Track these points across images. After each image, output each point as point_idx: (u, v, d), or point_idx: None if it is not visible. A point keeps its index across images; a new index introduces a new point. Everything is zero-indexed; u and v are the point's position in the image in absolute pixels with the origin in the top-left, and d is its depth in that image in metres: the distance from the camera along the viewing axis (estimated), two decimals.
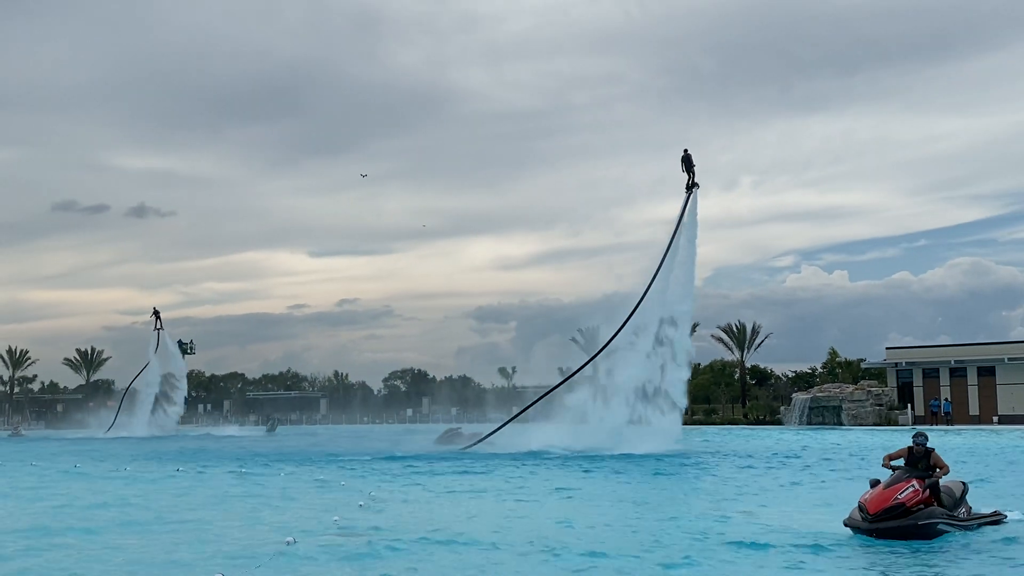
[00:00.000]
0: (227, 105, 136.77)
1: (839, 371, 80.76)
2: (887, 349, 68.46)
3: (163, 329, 78.95)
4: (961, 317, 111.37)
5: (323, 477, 25.42)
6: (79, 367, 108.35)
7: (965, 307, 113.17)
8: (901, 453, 14.03)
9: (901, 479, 13.39)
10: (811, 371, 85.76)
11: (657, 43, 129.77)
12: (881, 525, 13.01)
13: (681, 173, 40.63)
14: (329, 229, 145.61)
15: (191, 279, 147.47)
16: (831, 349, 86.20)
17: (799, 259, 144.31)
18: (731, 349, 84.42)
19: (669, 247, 39.61)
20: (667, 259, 39.36)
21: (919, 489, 13.24)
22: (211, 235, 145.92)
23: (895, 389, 64.43)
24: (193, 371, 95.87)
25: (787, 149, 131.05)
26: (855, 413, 61.73)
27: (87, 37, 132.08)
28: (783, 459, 31.06)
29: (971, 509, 14.42)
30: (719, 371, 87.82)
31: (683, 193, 40.35)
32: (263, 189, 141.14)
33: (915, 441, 13.97)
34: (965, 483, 14.71)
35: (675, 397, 37.96)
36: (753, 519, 15.76)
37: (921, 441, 13.90)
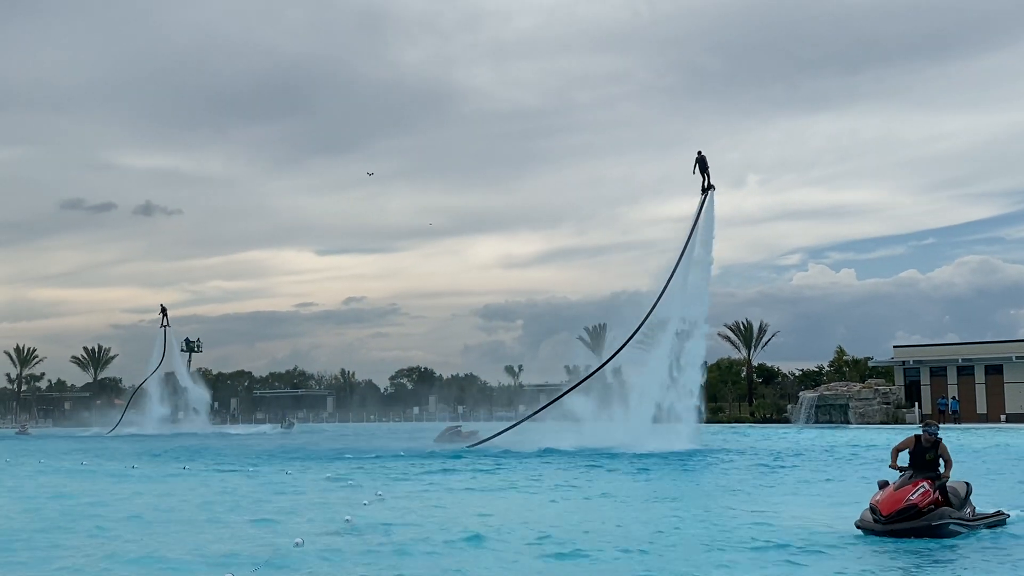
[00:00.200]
0: (233, 104, 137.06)
1: (846, 369, 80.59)
2: (894, 347, 68.36)
3: (170, 326, 79.12)
4: (969, 315, 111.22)
5: (332, 475, 25.47)
6: (86, 365, 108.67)
7: (973, 305, 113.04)
8: (908, 442, 13.93)
9: (911, 480, 13.36)
10: (818, 369, 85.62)
11: (662, 42, 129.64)
12: (895, 527, 13.01)
13: (694, 175, 40.32)
14: (335, 227, 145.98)
15: (198, 277, 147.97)
16: (838, 347, 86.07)
17: (806, 257, 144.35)
18: (738, 347, 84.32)
19: (685, 248, 39.41)
20: (683, 260, 39.20)
21: (929, 490, 13.23)
22: (217, 234, 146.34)
23: (902, 387, 64.30)
24: (200, 369, 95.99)
25: (793, 147, 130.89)
26: (862, 412, 61.60)
27: (93, 36, 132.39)
28: (791, 458, 31.04)
29: (975, 509, 14.41)
30: (726, 369, 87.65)
31: (690, 191, 40.31)
32: (269, 188, 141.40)
33: (925, 430, 13.86)
34: (969, 483, 14.70)
35: (691, 398, 38.20)
36: (765, 518, 15.76)
37: (932, 430, 13.81)
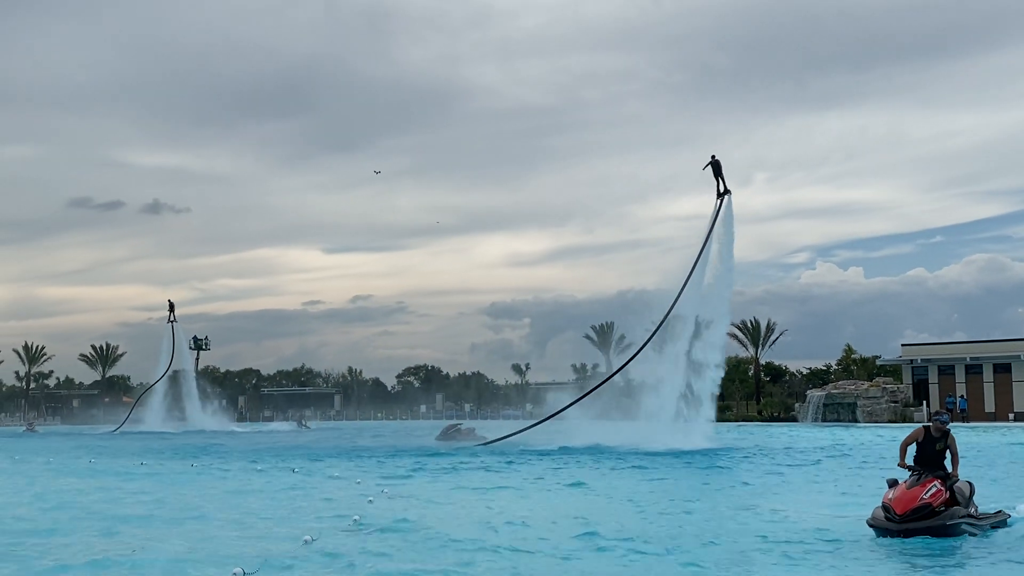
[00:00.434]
0: (240, 102, 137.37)
1: (854, 368, 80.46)
2: (902, 346, 68.22)
3: (176, 322, 79.16)
4: (977, 314, 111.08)
5: (338, 474, 25.51)
6: (94, 363, 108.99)
7: (981, 304, 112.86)
8: (917, 434, 13.84)
9: (921, 480, 13.33)
10: (826, 368, 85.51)
11: (670, 40, 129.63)
12: (910, 526, 13.00)
13: (703, 172, 40.20)
14: (342, 226, 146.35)
15: (205, 275, 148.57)
16: (846, 346, 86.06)
17: (814, 255, 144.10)
18: (745, 346, 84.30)
19: (701, 253, 39.27)
20: (699, 264, 39.11)
21: (942, 489, 13.23)
22: (225, 232, 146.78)
23: (910, 386, 64.17)
24: (208, 367, 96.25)
25: (802, 145, 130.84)
26: (870, 410, 61.48)
27: (102, 35, 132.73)
28: (799, 456, 31.00)
29: (977, 508, 14.39)
30: (733, 368, 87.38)
31: (699, 190, 40.51)
32: (277, 186, 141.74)
33: (935, 419, 13.77)
34: (971, 483, 14.68)
35: (709, 397, 38.54)
36: (776, 516, 15.79)
37: (943, 419, 13.72)
